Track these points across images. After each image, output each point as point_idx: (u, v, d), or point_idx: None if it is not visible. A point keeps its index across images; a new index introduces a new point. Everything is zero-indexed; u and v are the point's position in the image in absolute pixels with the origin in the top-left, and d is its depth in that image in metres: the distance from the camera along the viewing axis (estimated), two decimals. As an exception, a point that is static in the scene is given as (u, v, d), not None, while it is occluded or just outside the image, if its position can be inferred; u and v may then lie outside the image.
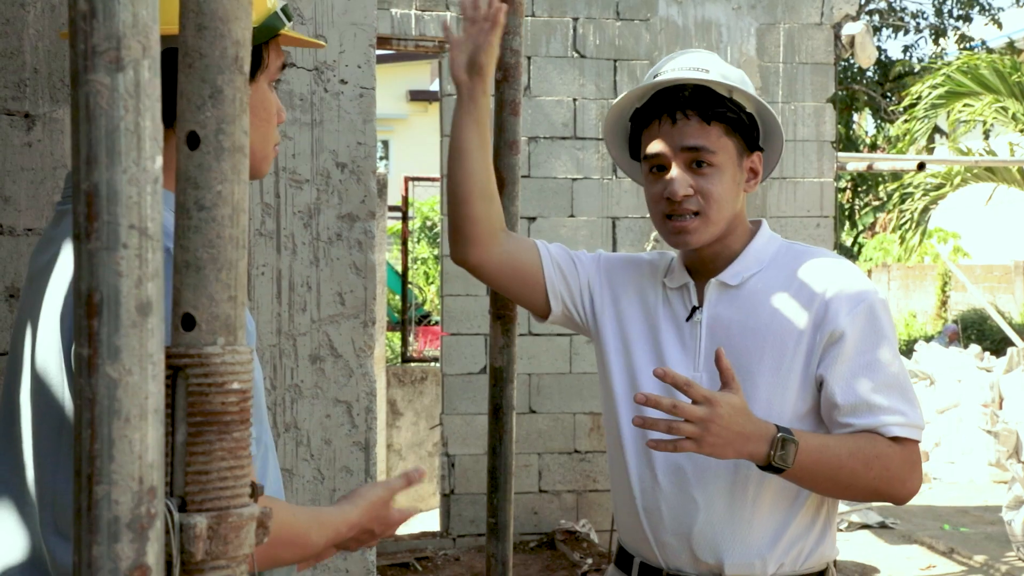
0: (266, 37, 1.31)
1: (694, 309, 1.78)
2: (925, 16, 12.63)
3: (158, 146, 0.64)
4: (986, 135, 11.09)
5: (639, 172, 1.86)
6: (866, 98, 12.25)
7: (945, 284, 18.47)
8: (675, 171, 1.71)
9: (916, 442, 1.68)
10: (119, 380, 0.61)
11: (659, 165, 1.74)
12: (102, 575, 0.60)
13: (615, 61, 6.32)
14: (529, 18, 6.10)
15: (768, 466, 1.60)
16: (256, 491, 0.76)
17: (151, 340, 0.62)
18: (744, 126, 1.75)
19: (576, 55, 6.28)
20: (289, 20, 1.34)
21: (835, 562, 1.81)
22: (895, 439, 1.66)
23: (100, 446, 0.60)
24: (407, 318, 9.78)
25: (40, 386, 1.17)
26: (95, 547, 0.59)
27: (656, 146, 1.73)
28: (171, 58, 0.80)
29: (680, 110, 1.71)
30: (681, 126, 1.71)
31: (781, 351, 1.69)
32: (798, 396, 1.69)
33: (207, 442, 0.70)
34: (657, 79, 1.75)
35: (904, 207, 10.64)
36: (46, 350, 1.17)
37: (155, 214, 0.63)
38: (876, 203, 14.62)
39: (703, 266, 1.80)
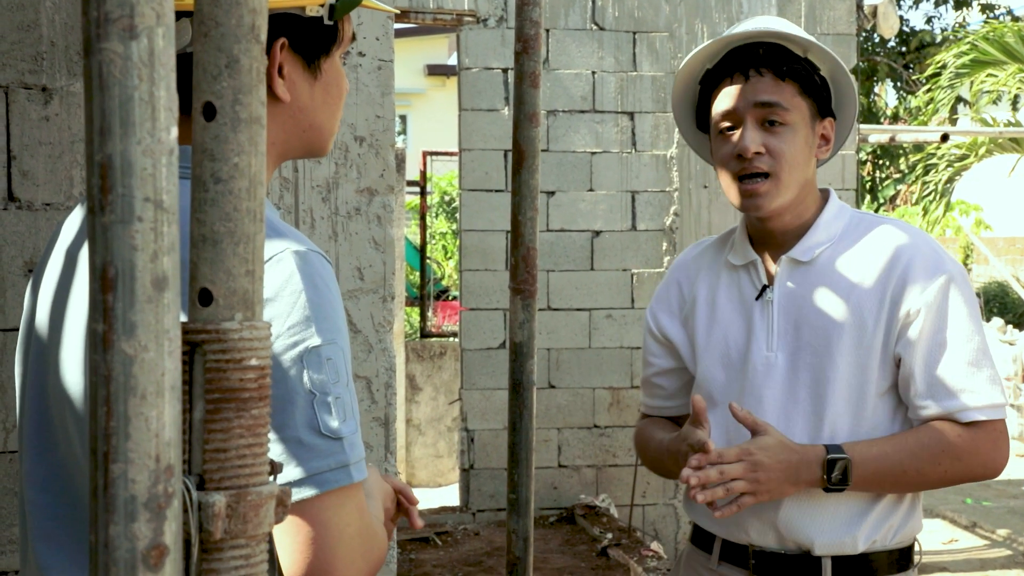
0: (351, 8, 1.15)
1: (764, 288, 1.73)
2: (948, -15, 12.48)
3: (173, 117, 0.62)
4: (1014, 105, 10.96)
5: (705, 145, 1.81)
6: (887, 69, 12.13)
7: (967, 257, 18.33)
8: (747, 127, 1.66)
9: (998, 420, 1.64)
10: (135, 356, 0.59)
11: (730, 125, 1.69)
12: (119, 555, 0.59)
13: (634, 33, 6.26)
14: (547, -10, 6.04)
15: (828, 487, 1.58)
16: (276, 469, 0.74)
17: (167, 315, 0.61)
18: (817, 88, 1.69)
19: (595, 27, 6.22)
20: None
21: None
22: (974, 422, 1.62)
23: (116, 424, 0.59)
24: (426, 293, 9.78)
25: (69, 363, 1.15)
26: (112, 527, 0.58)
27: (727, 102, 1.68)
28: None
29: (754, 67, 1.66)
30: (754, 82, 1.66)
31: (860, 329, 1.64)
32: (879, 374, 1.65)
33: (225, 419, 0.70)
34: (731, 34, 1.70)
35: (927, 178, 10.54)
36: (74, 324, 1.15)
37: (171, 186, 0.62)
38: (896, 176, 14.50)
39: (771, 239, 1.74)
